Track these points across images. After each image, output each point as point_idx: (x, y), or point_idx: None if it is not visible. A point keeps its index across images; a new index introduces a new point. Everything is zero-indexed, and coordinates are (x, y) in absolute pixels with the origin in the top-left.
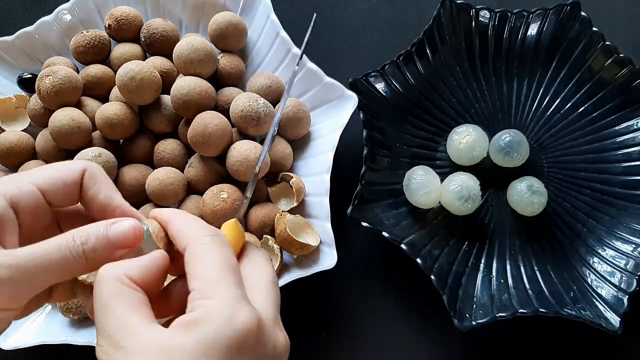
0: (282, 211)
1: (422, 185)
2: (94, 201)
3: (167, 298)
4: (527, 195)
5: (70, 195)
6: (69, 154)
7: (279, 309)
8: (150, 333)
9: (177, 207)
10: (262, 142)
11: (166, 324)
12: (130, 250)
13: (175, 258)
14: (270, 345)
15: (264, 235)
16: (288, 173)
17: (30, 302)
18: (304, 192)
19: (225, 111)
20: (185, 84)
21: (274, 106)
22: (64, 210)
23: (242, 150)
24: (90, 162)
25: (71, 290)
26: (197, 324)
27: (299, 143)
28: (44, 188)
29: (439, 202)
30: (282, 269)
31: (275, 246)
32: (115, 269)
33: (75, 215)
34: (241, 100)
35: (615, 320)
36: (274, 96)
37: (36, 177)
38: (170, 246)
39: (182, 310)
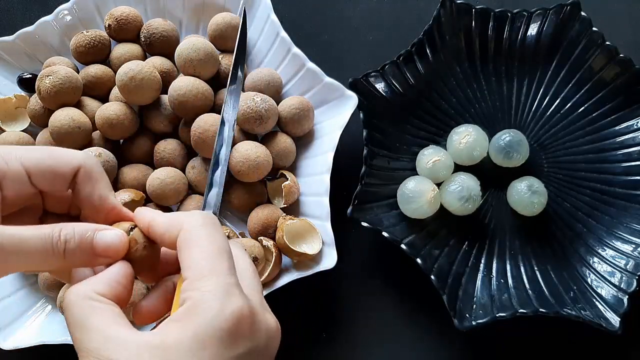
0: (284, 215)
1: (412, 198)
2: (87, 200)
3: (149, 305)
4: (527, 195)
5: (58, 186)
6: None
7: (262, 294)
8: (138, 337)
9: (178, 207)
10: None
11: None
12: (111, 260)
13: (155, 261)
14: (263, 330)
15: (259, 237)
16: (286, 172)
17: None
18: (294, 196)
19: None
20: (183, 85)
21: (277, 102)
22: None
23: (243, 151)
24: (87, 156)
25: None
26: (189, 317)
27: (300, 142)
28: (32, 172)
29: (438, 206)
30: (282, 269)
31: (270, 243)
32: (83, 288)
33: (64, 197)
34: (239, 103)
35: (615, 320)
36: (270, 89)
37: (28, 158)
38: (151, 252)
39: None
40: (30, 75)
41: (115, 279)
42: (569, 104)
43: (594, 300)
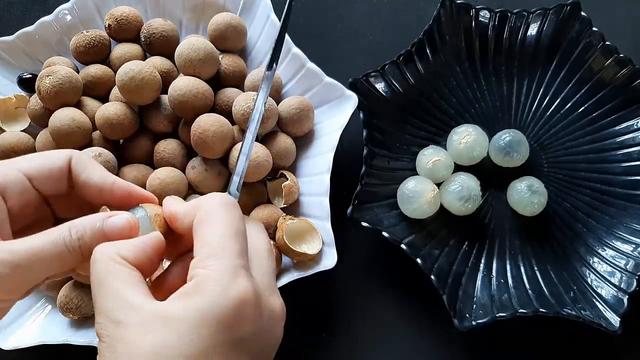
0: (284, 215)
1: (412, 198)
2: (88, 184)
3: (168, 279)
4: (527, 195)
5: (57, 181)
6: None
7: (275, 276)
8: (148, 305)
9: None
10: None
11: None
12: None
13: (174, 240)
14: (266, 314)
15: None
16: (286, 172)
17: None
18: (294, 196)
19: (226, 112)
20: (183, 85)
21: (277, 102)
22: (55, 195)
23: None
24: (75, 150)
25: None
26: (194, 293)
27: (300, 142)
28: (31, 175)
29: (438, 206)
30: (282, 269)
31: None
32: (108, 249)
33: (67, 198)
34: (239, 103)
35: (615, 320)
36: (270, 89)
37: (22, 164)
38: (168, 230)
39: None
40: (30, 75)
41: (141, 247)
42: (569, 104)
43: (594, 300)
